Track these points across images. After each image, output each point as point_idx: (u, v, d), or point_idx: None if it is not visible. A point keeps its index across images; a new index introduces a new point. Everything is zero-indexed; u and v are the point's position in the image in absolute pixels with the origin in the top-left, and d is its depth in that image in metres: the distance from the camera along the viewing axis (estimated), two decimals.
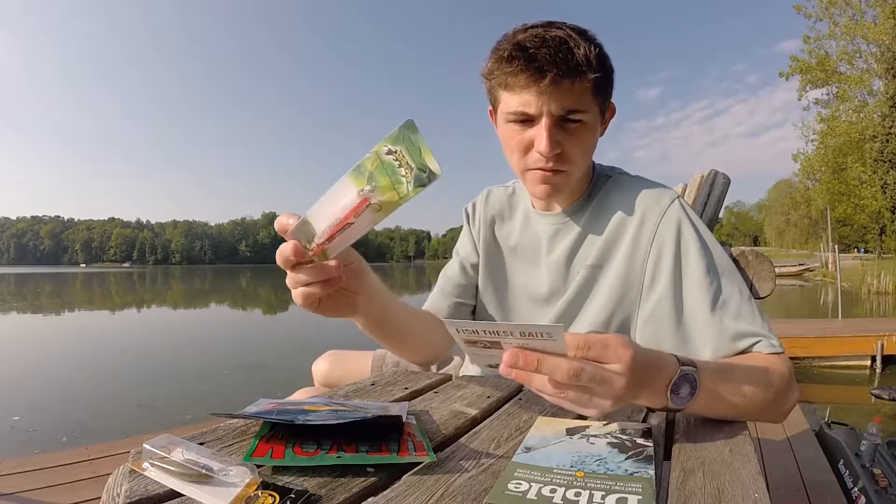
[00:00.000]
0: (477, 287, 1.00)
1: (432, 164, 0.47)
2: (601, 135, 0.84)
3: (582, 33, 0.76)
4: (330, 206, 0.51)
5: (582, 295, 0.87)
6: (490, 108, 0.87)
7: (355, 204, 0.49)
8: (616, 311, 0.83)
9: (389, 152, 0.47)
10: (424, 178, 0.48)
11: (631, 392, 0.51)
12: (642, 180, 0.88)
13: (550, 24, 0.77)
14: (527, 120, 0.78)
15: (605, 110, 0.83)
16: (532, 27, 0.77)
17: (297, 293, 0.58)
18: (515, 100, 0.77)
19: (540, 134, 0.77)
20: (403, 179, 0.48)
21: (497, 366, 0.51)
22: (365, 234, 0.53)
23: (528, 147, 0.79)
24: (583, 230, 0.87)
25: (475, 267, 1.00)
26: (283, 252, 0.54)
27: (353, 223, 0.51)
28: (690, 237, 0.79)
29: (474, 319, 1.01)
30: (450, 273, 1.01)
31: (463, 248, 1.02)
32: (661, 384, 0.55)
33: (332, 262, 0.55)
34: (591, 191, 0.89)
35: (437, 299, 0.98)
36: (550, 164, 0.78)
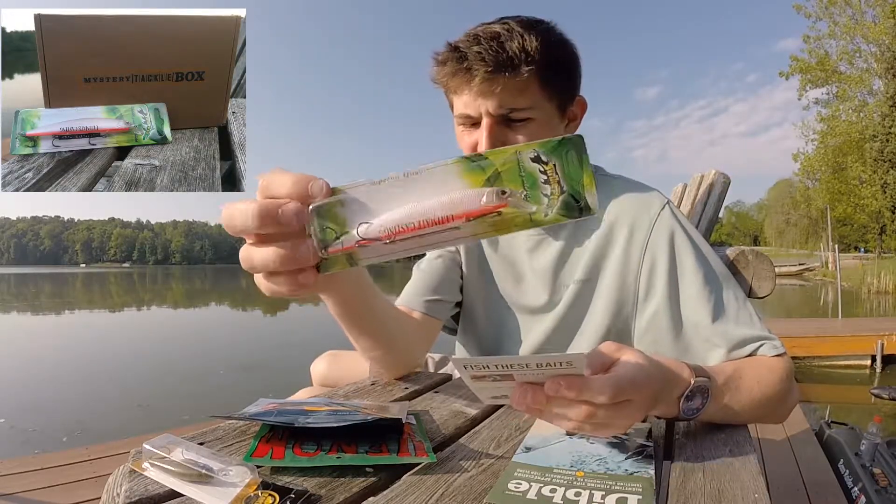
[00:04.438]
0: (461, 287, 0.92)
1: (590, 198, 0.35)
2: (573, 131, 0.79)
3: (529, 26, 0.72)
4: (408, 193, 0.35)
5: (576, 309, 0.82)
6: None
7: (484, 204, 0.34)
8: (613, 325, 0.80)
9: (537, 160, 0.35)
10: (574, 209, 0.35)
11: (647, 412, 0.50)
12: (625, 181, 0.83)
13: (500, 20, 0.73)
14: (474, 123, 0.76)
15: (568, 104, 0.79)
16: (479, 25, 0.74)
17: (269, 284, 0.41)
18: (459, 102, 0.76)
19: (481, 135, 0.74)
20: (545, 199, 0.35)
21: (501, 396, 0.49)
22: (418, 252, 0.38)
23: (475, 150, 0.75)
24: (566, 243, 0.82)
25: (456, 262, 0.92)
26: (279, 209, 0.36)
27: (456, 229, 0.35)
28: (684, 246, 0.75)
29: (457, 321, 0.97)
30: (425, 266, 0.91)
31: None
32: (675, 395, 0.54)
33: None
34: None
35: (410, 295, 0.87)
36: None
